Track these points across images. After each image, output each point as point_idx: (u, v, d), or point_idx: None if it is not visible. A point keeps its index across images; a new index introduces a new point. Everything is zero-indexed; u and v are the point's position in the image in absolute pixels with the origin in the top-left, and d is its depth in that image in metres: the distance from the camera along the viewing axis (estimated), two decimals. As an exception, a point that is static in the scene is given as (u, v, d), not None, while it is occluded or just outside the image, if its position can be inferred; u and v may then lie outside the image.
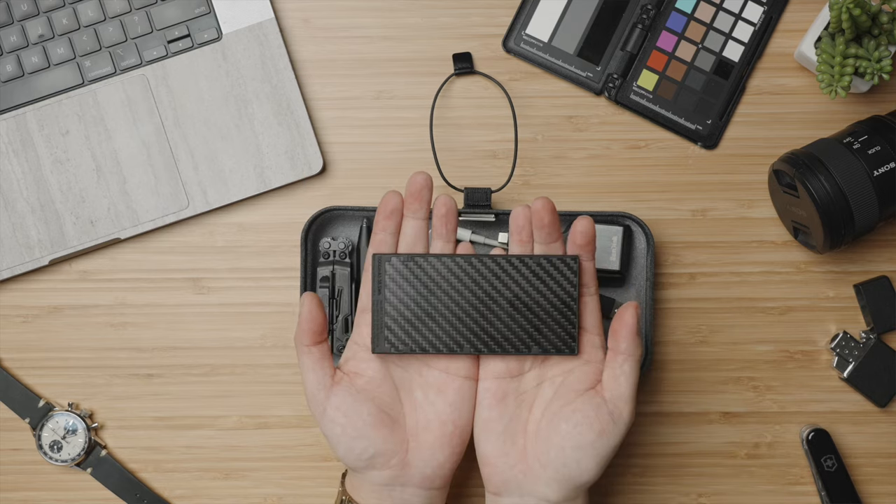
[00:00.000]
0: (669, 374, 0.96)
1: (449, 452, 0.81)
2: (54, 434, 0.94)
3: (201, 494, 0.96)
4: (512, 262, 0.81)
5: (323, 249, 0.94)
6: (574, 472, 0.79)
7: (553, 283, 0.81)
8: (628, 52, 0.97)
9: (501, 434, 0.81)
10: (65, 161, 0.95)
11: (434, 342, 0.81)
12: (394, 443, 0.81)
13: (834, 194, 0.88)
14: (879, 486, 0.96)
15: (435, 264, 0.81)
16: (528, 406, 0.81)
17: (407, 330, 0.81)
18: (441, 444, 0.81)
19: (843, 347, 0.95)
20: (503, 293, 0.81)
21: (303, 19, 0.98)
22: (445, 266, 0.81)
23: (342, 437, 0.80)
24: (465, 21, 0.98)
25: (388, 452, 0.80)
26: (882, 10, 0.89)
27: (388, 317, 0.81)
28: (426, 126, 0.97)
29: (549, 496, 0.79)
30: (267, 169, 0.95)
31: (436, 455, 0.81)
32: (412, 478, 0.81)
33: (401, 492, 0.81)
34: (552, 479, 0.79)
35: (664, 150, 0.97)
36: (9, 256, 0.94)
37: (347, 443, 0.80)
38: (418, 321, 0.81)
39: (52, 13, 0.95)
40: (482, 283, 0.81)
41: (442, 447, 0.81)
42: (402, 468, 0.81)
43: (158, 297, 0.96)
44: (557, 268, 0.81)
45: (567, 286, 0.81)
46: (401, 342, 0.81)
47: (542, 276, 0.81)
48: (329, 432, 0.81)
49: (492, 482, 0.81)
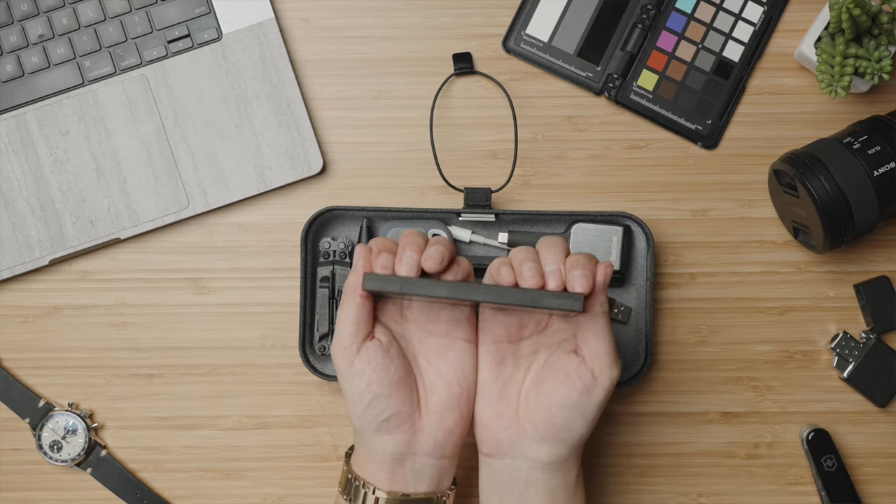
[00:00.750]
0: (669, 374, 0.96)
1: (458, 415, 0.81)
2: (54, 434, 0.94)
3: (201, 494, 0.96)
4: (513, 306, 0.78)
5: (323, 249, 0.94)
6: (562, 432, 0.79)
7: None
8: (628, 52, 0.97)
9: (497, 396, 0.81)
10: (65, 161, 0.95)
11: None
12: (410, 405, 0.80)
13: (834, 194, 0.88)
14: (879, 486, 0.96)
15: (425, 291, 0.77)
16: (523, 370, 0.82)
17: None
18: (449, 406, 0.81)
19: (843, 347, 0.95)
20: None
21: (303, 19, 0.98)
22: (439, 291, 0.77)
23: (365, 393, 0.79)
24: (465, 21, 0.98)
25: (404, 415, 0.80)
26: (882, 10, 0.89)
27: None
28: (426, 126, 0.97)
29: (540, 456, 0.80)
30: (267, 169, 0.95)
31: (445, 419, 0.81)
32: (423, 444, 0.81)
33: (412, 461, 0.81)
34: (542, 439, 0.80)
35: (664, 150, 0.97)
36: (9, 256, 0.94)
37: (369, 399, 0.79)
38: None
39: (52, 13, 0.95)
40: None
41: (451, 409, 0.81)
42: (413, 434, 0.81)
43: (158, 297, 0.96)
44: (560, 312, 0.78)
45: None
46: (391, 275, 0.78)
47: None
48: (352, 386, 0.80)
49: (485, 443, 0.82)
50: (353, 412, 0.81)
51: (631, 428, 0.96)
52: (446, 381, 0.81)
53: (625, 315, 0.94)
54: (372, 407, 0.80)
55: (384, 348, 0.80)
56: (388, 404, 0.80)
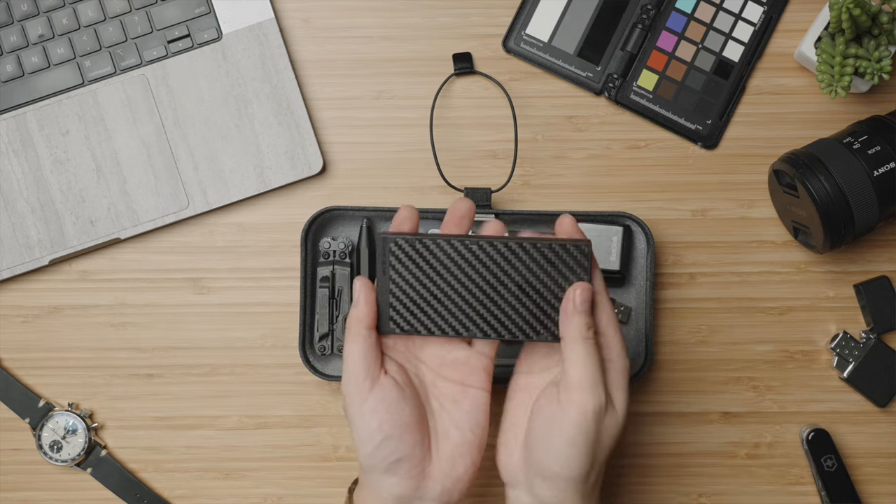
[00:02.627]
0: (669, 374, 0.96)
1: (469, 462, 0.79)
2: (54, 434, 0.94)
3: (201, 494, 0.96)
4: (523, 246, 0.78)
5: (323, 249, 0.94)
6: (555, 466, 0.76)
7: (565, 269, 0.78)
8: (628, 52, 0.97)
9: (510, 426, 0.79)
10: (65, 161, 0.95)
11: (440, 324, 0.79)
12: (421, 449, 0.78)
13: (834, 194, 0.88)
14: (879, 486, 0.96)
15: (442, 245, 0.78)
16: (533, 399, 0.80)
17: (413, 311, 0.79)
18: (461, 452, 0.79)
19: (843, 347, 0.95)
20: (513, 277, 0.78)
21: (303, 19, 0.98)
22: (453, 248, 0.78)
23: (376, 433, 0.77)
24: (465, 21, 0.98)
25: (415, 458, 0.78)
26: (882, 10, 0.89)
27: (393, 297, 0.79)
28: (426, 126, 0.97)
29: (538, 492, 0.77)
30: (267, 169, 0.95)
31: (456, 466, 0.79)
32: (430, 490, 0.78)
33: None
34: (535, 474, 0.77)
35: (664, 150, 0.97)
36: (9, 256, 0.94)
37: (380, 440, 0.77)
38: (424, 303, 0.79)
39: (52, 13, 0.95)
40: (491, 267, 0.78)
41: (462, 456, 0.79)
42: (422, 479, 0.78)
43: (158, 297, 0.96)
44: (570, 252, 0.78)
45: (580, 272, 0.78)
46: (406, 323, 0.79)
47: (553, 261, 0.78)
48: (364, 425, 0.77)
49: (502, 473, 0.80)
50: (363, 451, 0.78)
51: (631, 428, 0.96)
52: (459, 427, 0.79)
53: (625, 315, 0.94)
54: (382, 447, 0.77)
55: (399, 387, 0.78)
56: (398, 446, 0.77)
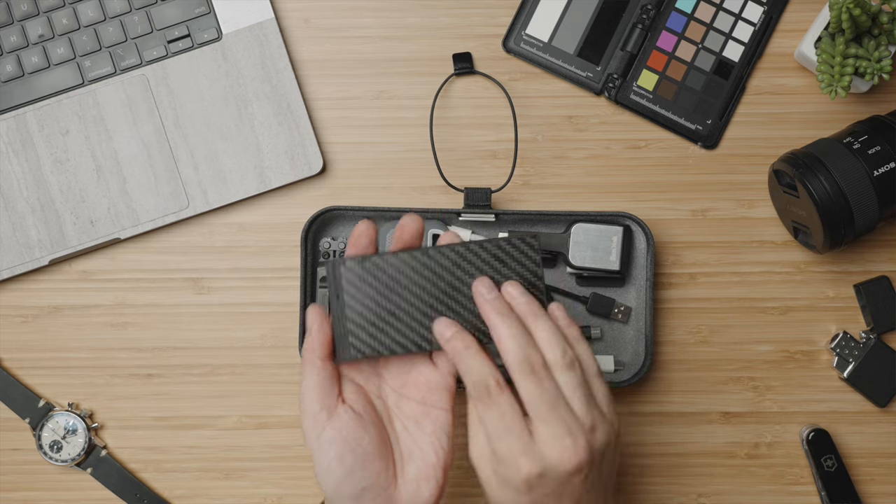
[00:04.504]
0: (669, 374, 0.96)
1: (434, 485, 0.78)
2: (54, 434, 0.94)
3: (201, 494, 0.96)
4: (471, 249, 0.78)
5: (323, 249, 0.94)
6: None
7: (515, 265, 0.78)
8: (628, 52, 0.97)
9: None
10: (65, 161, 0.95)
11: (402, 341, 0.78)
12: (386, 477, 0.77)
13: (834, 194, 0.88)
14: (879, 486, 0.96)
15: (392, 262, 0.78)
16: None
17: (372, 333, 0.78)
18: (426, 475, 0.77)
19: (843, 347, 0.95)
20: (466, 282, 0.78)
21: (303, 19, 0.98)
22: (403, 262, 0.78)
23: (335, 465, 0.76)
24: (465, 21, 0.98)
25: (379, 486, 0.77)
26: (882, 10, 0.90)
27: (350, 322, 0.78)
28: (426, 126, 0.97)
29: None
30: (267, 169, 0.95)
31: (421, 490, 0.77)
32: None
33: None
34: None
35: (664, 150, 0.97)
36: (9, 256, 0.94)
37: (341, 471, 0.76)
38: (383, 322, 0.78)
39: (52, 13, 0.95)
40: (444, 275, 0.78)
41: (427, 479, 0.77)
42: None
43: (158, 297, 0.96)
44: (518, 248, 0.78)
45: (530, 265, 0.78)
46: (367, 346, 0.78)
47: (503, 259, 0.78)
48: (324, 456, 0.76)
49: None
50: (325, 483, 0.77)
51: (631, 428, 0.96)
52: (423, 450, 0.78)
53: (625, 315, 0.94)
54: (345, 478, 0.76)
55: (357, 416, 0.77)
56: (362, 475, 0.76)
